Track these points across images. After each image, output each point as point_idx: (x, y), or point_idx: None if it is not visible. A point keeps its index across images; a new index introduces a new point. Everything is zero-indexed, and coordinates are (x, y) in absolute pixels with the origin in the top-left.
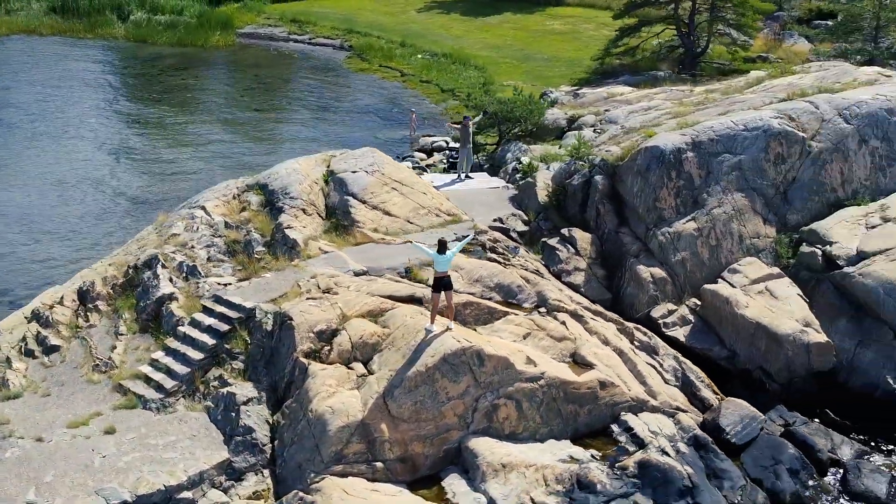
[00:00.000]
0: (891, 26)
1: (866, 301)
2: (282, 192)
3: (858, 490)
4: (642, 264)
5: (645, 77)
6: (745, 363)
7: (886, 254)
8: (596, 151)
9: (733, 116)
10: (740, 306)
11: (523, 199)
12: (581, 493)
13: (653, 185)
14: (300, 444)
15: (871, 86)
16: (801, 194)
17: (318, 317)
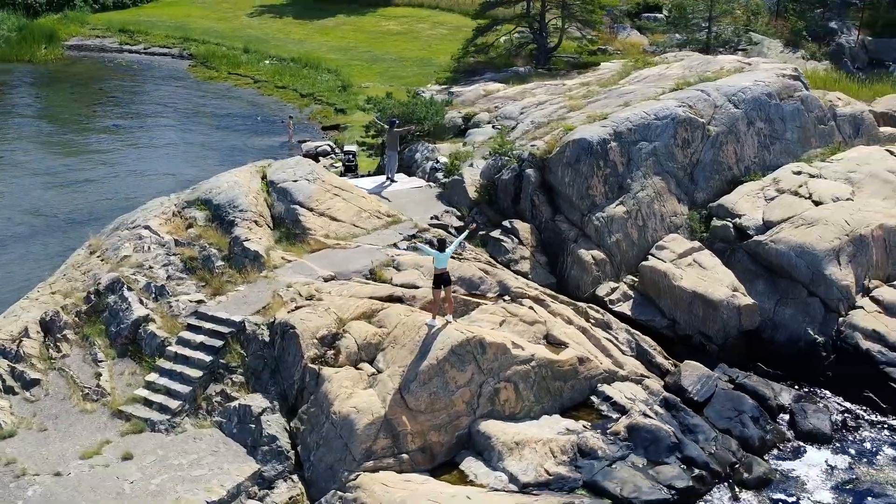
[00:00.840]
0: (722, 17)
1: (780, 264)
2: (229, 206)
3: (807, 429)
4: (582, 248)
5: (508, 73)
6: (686, 329)
7: (790, 221)
8: (518, 147)
9: (644, 107)
10: (676, 279)
11: (452, 197)
12: (585, 460)
13: (584, 174)
14: (328, 446)
15: (744, 73)
16: (704, 174)
17: (318, 323)
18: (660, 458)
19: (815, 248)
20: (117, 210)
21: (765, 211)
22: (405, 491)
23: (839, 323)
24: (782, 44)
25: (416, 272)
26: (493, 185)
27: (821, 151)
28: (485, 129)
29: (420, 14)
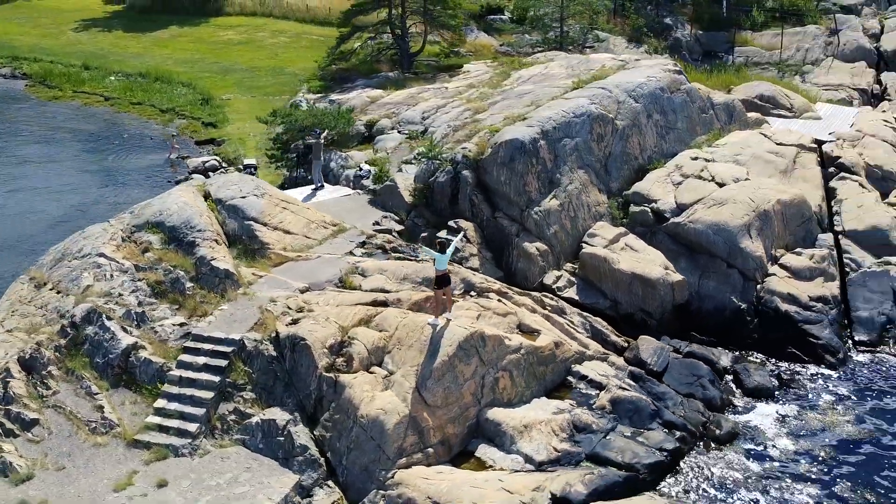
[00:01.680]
0: (574, 17)
1: (699, 242)
2: (185, 227)
3: (752, 386)
4: (526, 241)
5: (381, 79)
6: (627, 308)
7: (701, 202)
8: (446, 150)
9: (563, 106)
10: (615, 262)
11: (387, 202)
12: (582, 435)
13: (519, 172)
14: (360, 449)
15: (634, 69)
16: (616, 165)
17: (324, 333)
18: (644, 426)
19: (728, 224)
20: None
21: (676, 195)
22: (444, 481)
23: (757, 290)
24: (626, 40)
25: (381, 277)
26: (429, 188)
27: (706, 138)
28: (392, 135)
29: (256, 23)
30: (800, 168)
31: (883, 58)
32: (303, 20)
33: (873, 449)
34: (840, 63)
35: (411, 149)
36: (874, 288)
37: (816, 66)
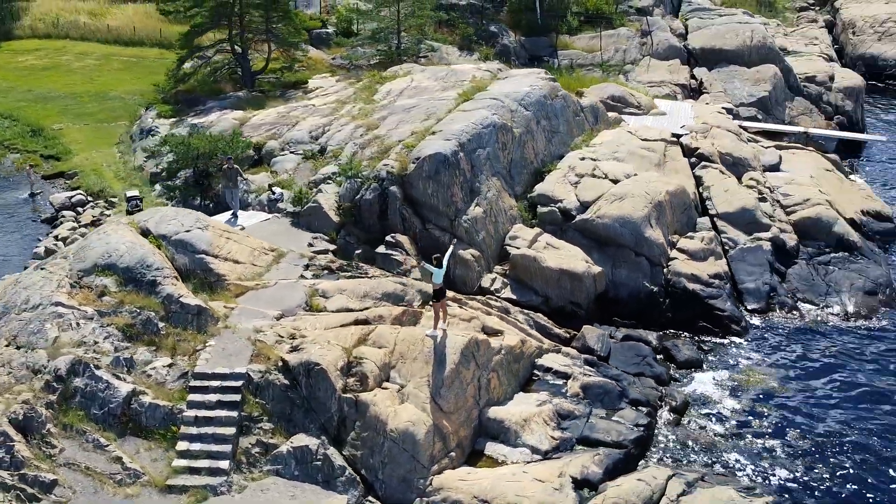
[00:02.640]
0: (410, 30)
1: (607, 235)
2: (141, 266)
3: (684, 359)
4: (461, 248)
5: (233, 100)
6: (558, 302)
7: (603, 198)
8: (363, 168)
9: (470, 118)
10: (544, 261)
11: (312, 223)
12: (568, 422)
13: (445, 184)
14: (394, 462)
15: (516, 79)
16: (517, 170)
17: (333, 356)
18: (614, 406)
19: (632, 217)
20: None
21: (577, 193)
22: (482, 480)
23: (664, 274)
24: (457, 49)
25: (342, 297)
26: (356, 206)
27: (582, 139)
28: (286, 156)
29: (54, 45)
30: (670, 161)
31: (692, 55)
32: (106, 41)
33: (799, 395)
34: (657, 61)
35: (315, 168)
36: (752, 262)
37: (636, 65)
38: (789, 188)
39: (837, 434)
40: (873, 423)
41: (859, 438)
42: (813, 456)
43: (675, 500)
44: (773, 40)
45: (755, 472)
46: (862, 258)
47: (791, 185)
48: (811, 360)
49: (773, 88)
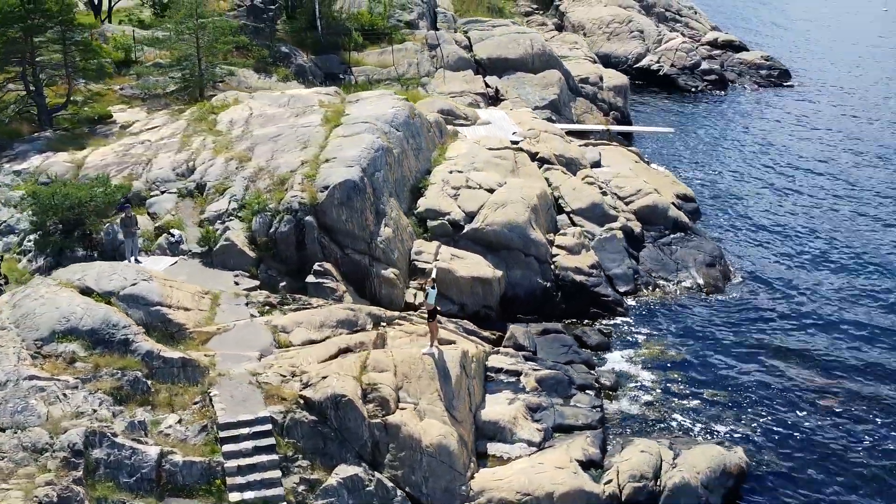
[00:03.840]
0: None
1: (498, 241)
2: (108, 326)
3: (595, 343)
4: (382, 269)
5: (44, 140)
6: (472, 307)
7: (486, 207)
8: (268, 200)
9: (361, 143)
10: (456, 271)
11: (227, 261)
12: (539, 413)
13: (358, 209)
14: (435, 475)
15: (372, 101)
16: (400, 188)
17: (351, 387)
18: (567, 393)
19: (518, 221)
20: None
21: (460, 205)
22: (515, 476)
23: (552, 270)
24: (254, 72)
25: (302, 329)
26: (272, 240)
27: (437, 153)
28: (161, 197)
29: None
30: (522, 166)
31: (480, 65)
32: None
33: (694, 358)
34: (450, 73)
35: (200, 206)
36: (611, 250)
37: (431, 77)
38: (619, 181)
39: (739, 383)
40: (758, 370)
41: (757, 383)
42: (732, 405)
43: (672, 462)
44: (551, 48)
45: (701, 429)
46: (695, 236)
47: (619, 179)
48: (688, 328)
49: (560, 91)
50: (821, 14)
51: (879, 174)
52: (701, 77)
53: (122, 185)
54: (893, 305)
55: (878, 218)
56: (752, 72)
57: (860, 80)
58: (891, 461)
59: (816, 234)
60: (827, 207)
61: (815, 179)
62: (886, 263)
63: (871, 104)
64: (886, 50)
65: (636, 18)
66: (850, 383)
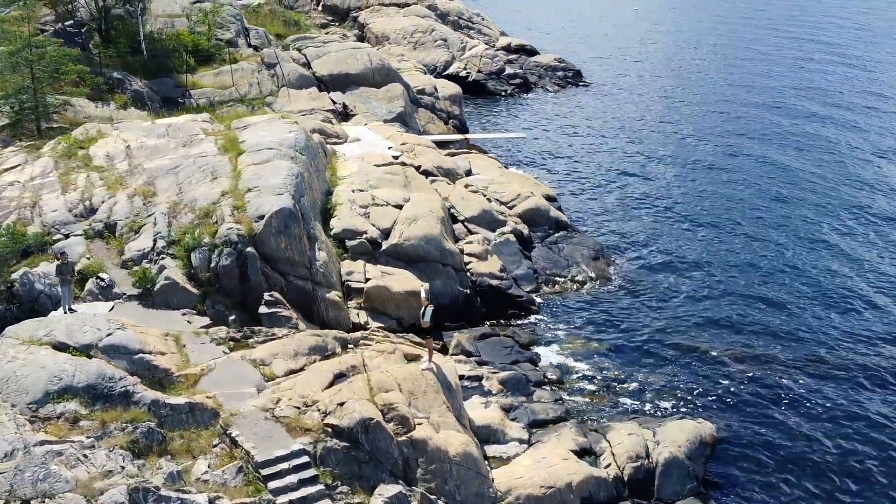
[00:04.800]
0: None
1: (417, 254)
2: (105, 380)
3: (526, 342)
4: (326, 293)
5: None
6: (409, 320)
7: (399, 223)
8: (202, 233)
9: (281, 170)
10: (392, 287)
11: (170, 300)
12: (514, 412)
13: (296, 236)
14: (465, 483)
15: (265, 128)
16: (314, 212)
17: (373, 410)
18: (527, 391)
19: (433, 234)
20: None
21: (374, 223)
22: (532, 473)
23: (468, 277)
24: (90, 100)
25: (280, 360)
26: (215, 274)
27: (329, 174)
28: (68, 241)
29: None
30: (413, 180)
31: (322, 81)
32: None
33: (616, 345)
34: (294, 91)
35: (117, 247)
36: (508, 253)
37: (275, 96)
38: (495, 187)
39: (664, 361)
40: (673, 346)
41: (679, 357)
42: (666, 382)
43: (654, 440)
44: (388, 61)
45: (651, 408)
46: (575, 233)
47: (494, 185)
48: (597, 318)
49: (405, 104)
50: (581, 16)
51: (695, 150)
52: (507, 81)
53: (38, 233)
54: (754, 264)
55: (708, 183)
56: (550, 74)
57: (641, 75)
58: (796, 407)
59: (671, 212)
60: (671, 187)
61: (653, 163)
62: (730, 222)
63: (659, 94)
64: (650, 46)
65: (438, 28)
66: (756, 343)
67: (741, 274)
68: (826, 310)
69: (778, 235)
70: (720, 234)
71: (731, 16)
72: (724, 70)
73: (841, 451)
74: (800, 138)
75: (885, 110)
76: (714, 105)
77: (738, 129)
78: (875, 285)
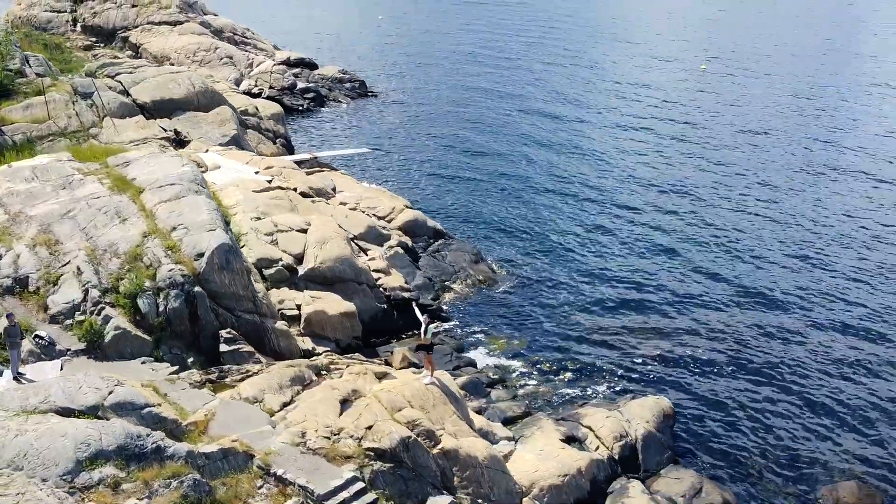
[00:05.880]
0: None
1: (333, 276)
2: (134, 438)
3: (455, 347)
4: (273, 323)
5: None
6: (346, 341)
7: (310, 247)
8: (140, 277)
9: (198, 207)
10: (328, 312)
11: (123, 351)
12: (486, 413)
13: (237, 270)
14: (496, 484)
15: (150, 161)
16: None
17: (403, 427)
18: (483, 392)
19: (345, 254)
20: None
21: (285, 249)
22: (545, 463)
23: (382, 292)
24: None
25: (271, 395)
26: (165, 319)
27: (215, 203)
28: None
29: None
30: (298, 203)
31: (145, 109)
32: None
33: (535, 339)
34: (119, 120)
35: (39, 301)
36: (401, 265)
37: (100, 127)
38: (367, 203)
39: (581, 342)
40: (584, 330)
41: (590, 335)
42: (592, 363)
43: (625, 417)
44: (211, 84)
45: (593, 392)
46: (452, 239)
47: (366, 201)
48: (504, 316)
49: (237, 126)
50: (338, 27)
51: (506, 140)
52: (301, 96)
53: None
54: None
55: (531, 169)
56: (339, 86)
57: (418, 84)
58: (715, 367)
59: (525, 205)
60: (511, 181)
61: (479, 160)
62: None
63: (444, 99)
64: (413, 56)
65: (221, 45)
66: (646, 314)
67: (603, 249)
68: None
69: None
70: (572, 212)
71: (468, 21)
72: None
73: (763, 397)
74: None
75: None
76: (485, 100)
77: (518, 111)
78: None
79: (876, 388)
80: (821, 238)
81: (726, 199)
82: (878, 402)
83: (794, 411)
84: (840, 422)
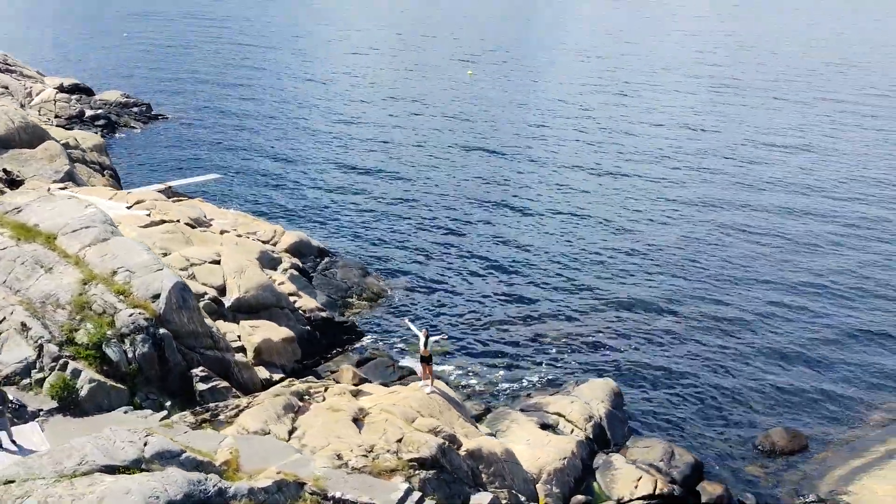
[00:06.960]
0: None
1: (258, 303)
2: (195, 484)
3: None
4: (233, 357)
5: None
6: (292, 365)
7: (229, 277)
8: (103, 324)
9: (130, 248)
10: (274, 339)
11: (101, 404)
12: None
13: (193, 307)
14: (516, 475)
15: (46, 204)
16: None
17: (431, 435)
18: None
19: (264, 281)
20: None
21: (204, 282)
22: (544, 451)
23: (303, 315)
24: None
25: (277, 426)
26: (137, 366)
27: None
28: None
29: None
30: (189, 234)
31: None
32: None
33: (464, 339)
34: None
35: None
36: (300, 286)
37: None
38: (243, 229)
39: (499, 337)
40: (505, 320)
41: (504, 329)
42: (518, 353)
43: (585, 402)
44: (32, 119)
45: (539, 380)
46: (336, 256)
47: (241, 227)
48: (426, 323)
49: (69, 161)
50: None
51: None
52: (93, 124)
53: None
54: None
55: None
56: (126, 111)
57: (207, 103)
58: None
59: (391, 214)
60: (389, 190)
61: (313, 174)
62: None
63: (238, 114)
64: (193, 73)
65: None
66: (549, 298)
67: (490, 244)
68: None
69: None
70: (445, 216)
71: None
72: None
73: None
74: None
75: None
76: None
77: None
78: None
79: (792, 343)
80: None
81: (612, 175)
82: (799, 353)
83: (721, 374)
84: (764, 375)
